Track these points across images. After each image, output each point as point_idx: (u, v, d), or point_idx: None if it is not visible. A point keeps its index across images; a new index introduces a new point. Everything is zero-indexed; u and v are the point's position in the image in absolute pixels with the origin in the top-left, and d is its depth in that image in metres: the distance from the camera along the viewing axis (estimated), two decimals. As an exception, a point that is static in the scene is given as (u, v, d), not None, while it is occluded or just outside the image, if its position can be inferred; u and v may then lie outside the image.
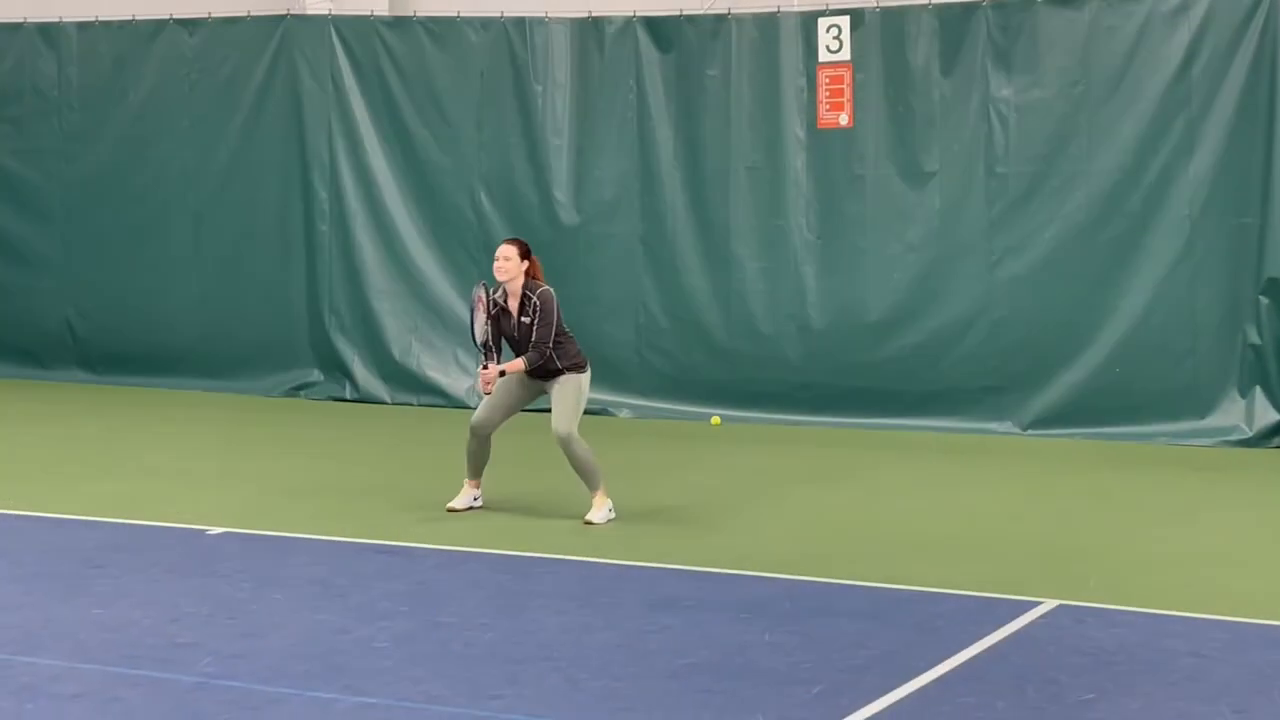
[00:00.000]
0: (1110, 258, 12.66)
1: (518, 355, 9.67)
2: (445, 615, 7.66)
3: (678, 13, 13.77)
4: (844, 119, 13.30)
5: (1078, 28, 12.67)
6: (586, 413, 13.51)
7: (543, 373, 9.69)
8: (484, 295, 9.64)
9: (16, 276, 16.05)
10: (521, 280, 9.63)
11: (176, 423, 13.79)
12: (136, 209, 15.56)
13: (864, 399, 13.24)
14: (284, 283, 15.06)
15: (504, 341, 9.73)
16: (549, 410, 9.73)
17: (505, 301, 9.66)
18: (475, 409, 10.04)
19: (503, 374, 9.66)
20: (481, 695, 6.48)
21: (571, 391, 9.66)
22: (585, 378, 9.77)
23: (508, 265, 9.61)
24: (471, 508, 9.92)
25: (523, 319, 9.59)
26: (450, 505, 9.93)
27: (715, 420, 13.46)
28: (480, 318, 9.62)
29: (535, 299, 9.58)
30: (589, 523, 9.58)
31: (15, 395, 15.22)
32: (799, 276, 13.45)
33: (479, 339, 9.64)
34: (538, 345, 9.56)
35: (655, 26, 13.83)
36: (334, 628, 7.44)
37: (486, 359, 9.63)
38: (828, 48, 13.30)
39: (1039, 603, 7.85)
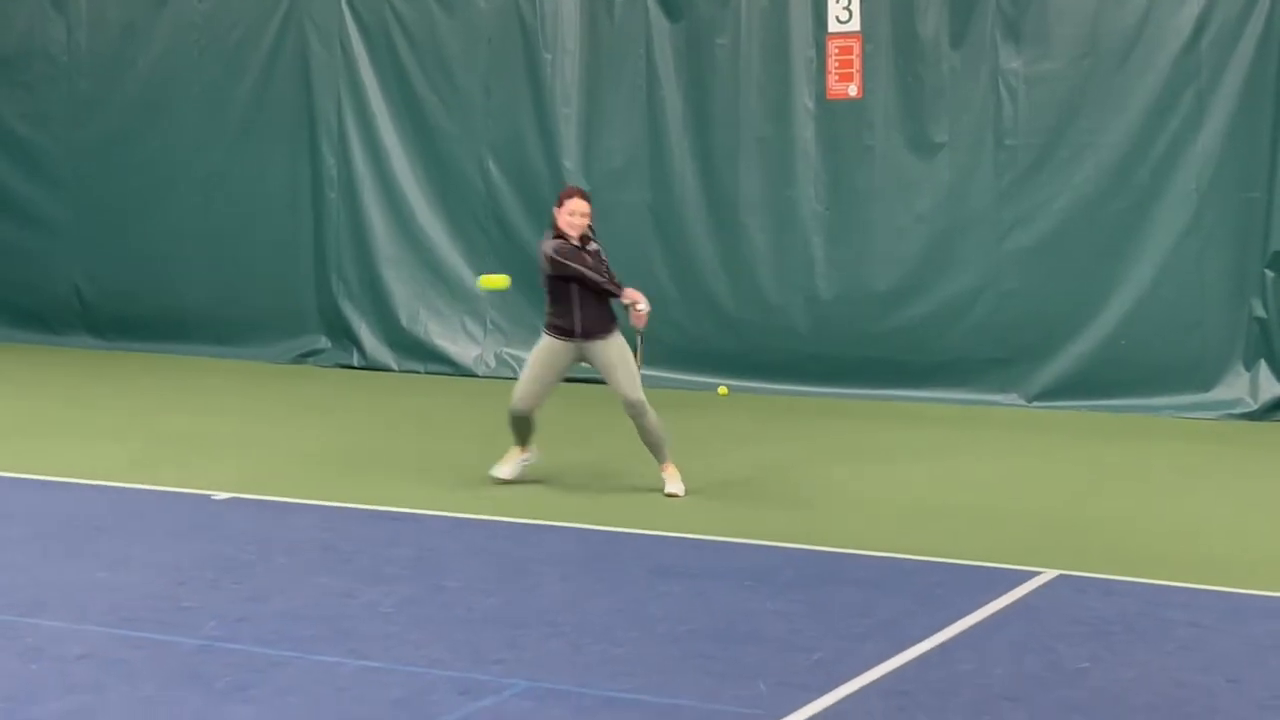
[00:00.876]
0: (1118, 230, 12.65)
1: (590, 302, 9.51)
2: (449, 580, 7.70)
3: (688, -18, 13.76)
4: (853, 90, 13.29)
5: (1087, 0, 12.65)
6: (592, 383, 13.64)
7: (599, 329, 9.55)
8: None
9: (26, 241, 16.08)
10: None
11: (184, 388, 13.83)
12: (145, 174, 15.58)
13: (871, 369, 13.25)
14: (292, 249, 15.08)
15: (570, 287, 9.51)
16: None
17: (582, 243, 9.58)
18: (515, 382, 9.85)
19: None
20: (483, 659, 6.53)
21: (626, 352, 9.56)
22: (621, 336, 9.68)
23: (583, 222, 9.57)
24: (523, 468, 9.81)
25: (595, 246, 9.60)
26: (495, 473, 9.76)
27: (723, 390, 13.48)
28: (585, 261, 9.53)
29: (595, 242, 9.61)
30: (672, 495, 9.50)
31: (23, 360, 15.27)
32: (807, 247, 13.45)
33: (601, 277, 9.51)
34: (598, 277, 9.46)
35: (665, -5, 13.83)
36: (338, 592, 7.49)
37: (620, 288, 9.55)
38: (837, 18, 13.28)
39: (1039, 572, 7.89)
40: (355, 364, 14.75)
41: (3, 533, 8.61)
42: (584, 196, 9.69)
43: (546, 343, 9.64)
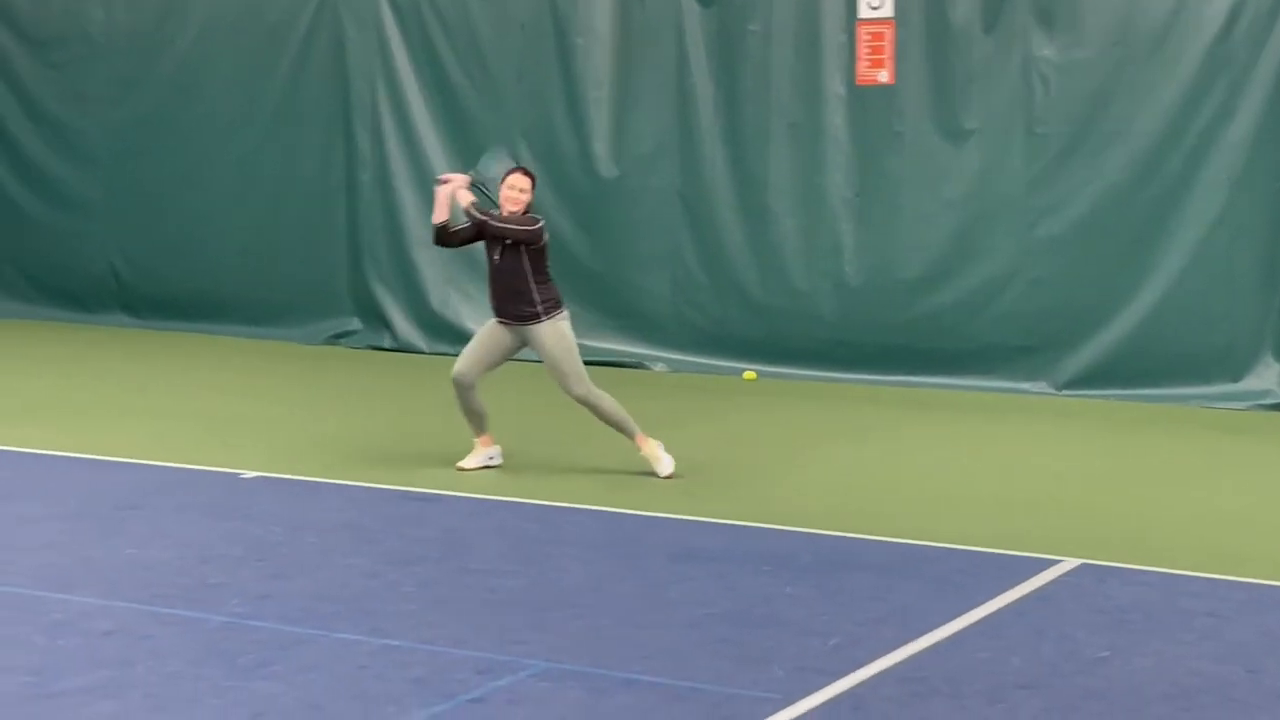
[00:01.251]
0: (1148, 219, 12.63)
1: (504, 281, 9.52)
2: (472, 562, 7.78)
3: (720, -33, 13.79)
4: (884, 76, 13.30)
5: (1120, -13, 12.64)
6: (620, 366, 13.75)
7: (522, 314, 9.56)
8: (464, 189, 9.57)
9: (62, 220, 16.22)
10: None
11: (216, 368, 13.95)
12: (181, 155, 15.70)
13: (899, 356, 13.27)
14: (325, 231, 15.17)
15: (491, 262, 9.57)
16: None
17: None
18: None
19: (443, 183, 9.59)
20: (504, 640, 6.60)
21: (560, 347, 9.52)
22: (564, 323, 9.60)
23: (523, 198, 9.52)
24: (487, 467, 9.79)
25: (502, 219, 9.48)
26: (460, 465, 9.77)
27: (749, 375, 13.53)
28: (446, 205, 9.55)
29: (525, 213, 9.50)
30: (667, 476, 9.53)
31: (58, 338, 15.41)
32: (836, 233, 13.47)
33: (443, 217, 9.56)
34: (504, 224, 9.36)
35: (697, -20, 13.85)
36: (363, 571, 7.57)
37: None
38: (869, 4, 13.29)
39: (1061, 560, 7.92)
40: (386, 345, 14.84)
41: (35, 510, 8.71)
42: (526, 173, 9.69)
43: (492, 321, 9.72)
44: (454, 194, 9.60)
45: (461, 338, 14.46)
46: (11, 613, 6.89)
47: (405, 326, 14.82)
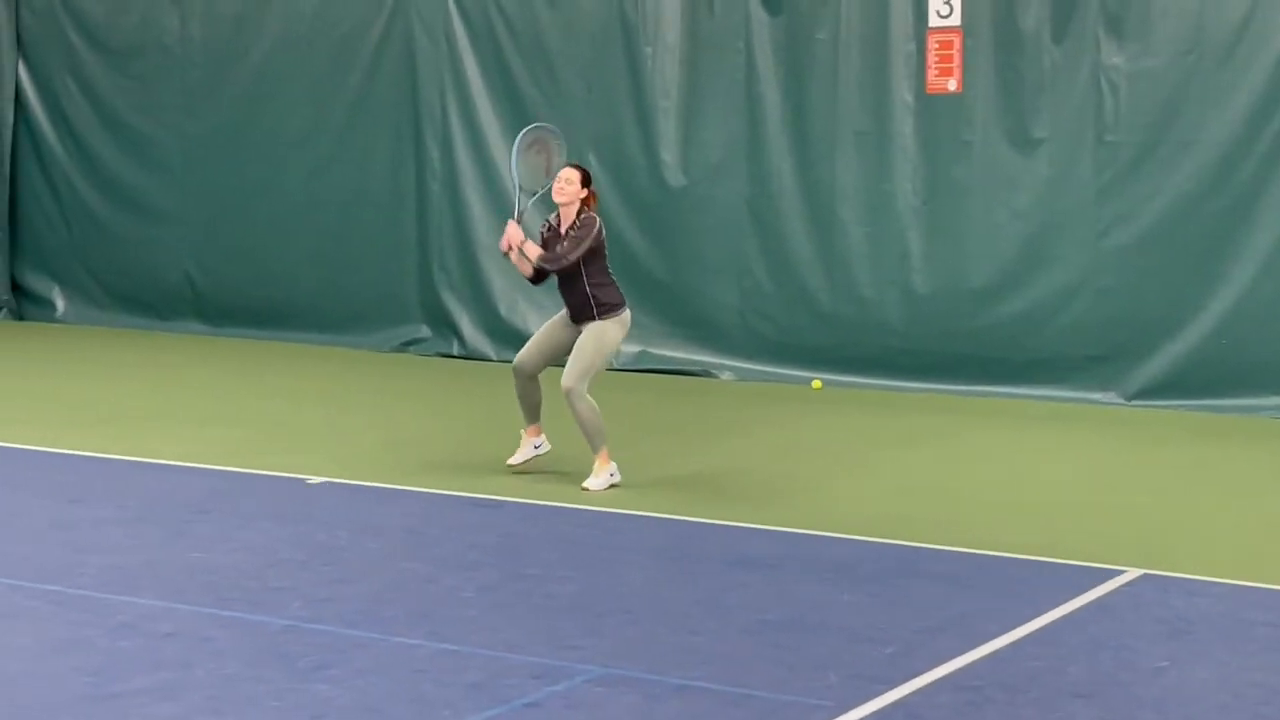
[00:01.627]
0: (1219, 228, 12.53)
1: (564, 283, 9.62)
2: (530, 567, 7.82)
3: (788, -24, 13.80)
4: (953, 84, 13.26)
5: (1191, -5, 12.55)
6: (688, 375, 13.76)
7: (581, 315, 9.63)
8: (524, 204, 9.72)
9: (138, 229, 16.43)
10: (577, 206, 9.62)
11: (286, 375, 14.09)
12: (254, 164, 15.88)
13: (966, 365, 13.23)
14: (395, 239, 15.29)
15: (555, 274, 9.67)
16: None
17: (558, 224, 9.68)
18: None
19: (520, 250, 9.64)
20: (559, 645, 6.63)
21: (590, 342, 9.54)
22: (616, 327, 9.62)
23: (569, 189, 9.56)
24: (534, 457, 9.85)
25: (564, 243, 9.59)
26: (510, 461, 9.84)
27: (817, 384, 13.51)
28: (523, 198, 9.74)
29: (579, 220, 9.58)
30: (585, 489, 9.45)
31: (134, 345, 15.60)
32: (904, 241, 13.44)
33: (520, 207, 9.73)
34: (558, 256, 9.51)
35: (765, -10, 13.87)
36: (422, 576, 7.63)
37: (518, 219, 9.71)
38: (938, 12, 13.26)
39: (1123, 571, 7.87)
40: (455, 353, 14.93)
41: (105, 514, 8.84)
42: (573, 166, 9.75)
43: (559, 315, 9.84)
44: (523, 251, 9.67)
45: (529, 345, 14.58)
46: (77, 614, 6.99)
47: (474, 334, 14.91)
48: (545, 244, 9.69)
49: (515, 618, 6.99)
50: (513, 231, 9.67)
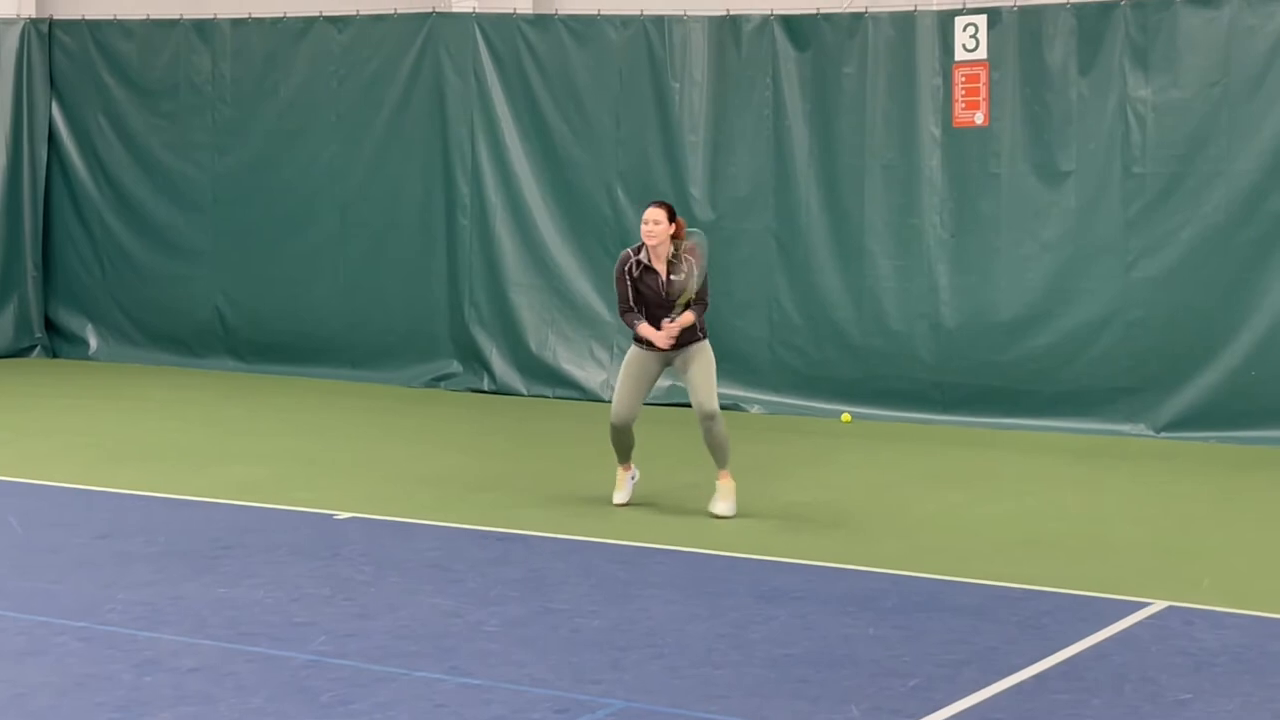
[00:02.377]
0: (1248, 259, 12.50)
1: (663, 316, 9.64)
2: (556, 602, 7.82)
3: (815, 11, 13.83)
4: (980, 118, 13.27)
5: (1217, 28, 12.53)
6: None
7: (688, 338, 9.68)
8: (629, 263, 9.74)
9: (170, 266, 16.54)
10: (669, 244, 9.69)
11: (316, 410, 14.14)
12: (285, 201, 15.98)
13: (996, 398, 13.21)
14: (425, 275, 15.36)
15: (645, 308, 9.70)
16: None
17: (650, 261, 9.70)
18: (611, 401, 10.02)
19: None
20: (583, 679, 6.63)
21: (710, 364, 9.71)
22: (709, 344, 9.83)
23: (658, 230, 9.61)
24: (633, 485, 10.04)
25: (673, 277, 9.64)
26: (616, 500, 9.97)
27: (846, 417, 13.51)
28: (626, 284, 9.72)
29: (685, 254, 9.64)
30: (718, 516, 9.60)
31: (165, 382, 15.68)
32: (932, 274, 13.45)
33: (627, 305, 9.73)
34: (702, 298, 9.65)
35: (792, 25, 13.90)
36: (446, 611, 7.64)
37: (634, 325, 9.69)
38: (964, 46, 13.28)
39: (1148, 603, 7.83)
40: (485, 388, 14.98)
41: (133, 549, 8.88)
42: (659, 205, 9.77)
43: (632, 353, 9.81)
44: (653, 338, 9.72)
45: (560, 380, 14.65)
46: (104, 650, 7.03)
47: (504, 369, 14.95)
48: (641, 287, 9.65)
49: (539, 652, 7.00)
50: (671, 327, 9.62)
